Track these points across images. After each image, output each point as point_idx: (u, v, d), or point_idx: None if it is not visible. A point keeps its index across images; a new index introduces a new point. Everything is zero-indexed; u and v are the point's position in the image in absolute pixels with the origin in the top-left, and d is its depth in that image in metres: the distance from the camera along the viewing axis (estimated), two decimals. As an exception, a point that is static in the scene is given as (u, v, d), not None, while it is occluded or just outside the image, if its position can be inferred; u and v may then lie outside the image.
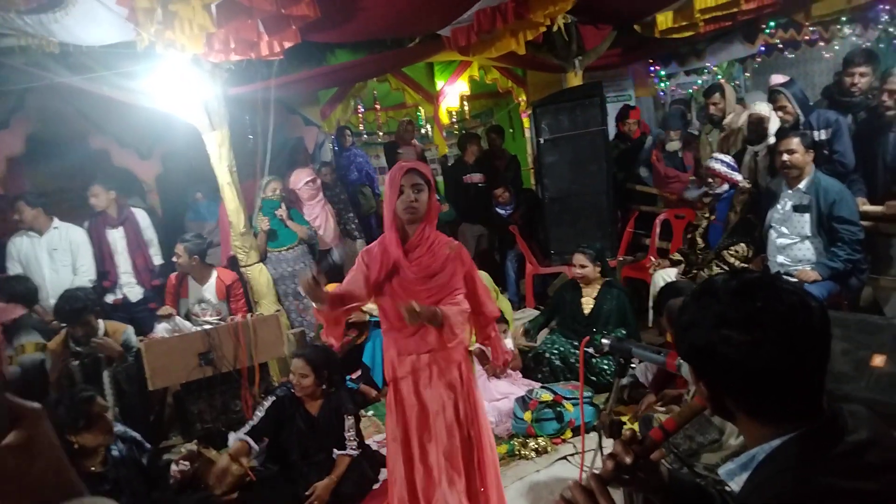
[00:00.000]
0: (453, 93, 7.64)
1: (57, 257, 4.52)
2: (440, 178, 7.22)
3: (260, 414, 3.15)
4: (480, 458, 2.51)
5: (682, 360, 1.31)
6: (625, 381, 3.76)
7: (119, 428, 2.81)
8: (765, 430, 1.00)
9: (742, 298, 0.99)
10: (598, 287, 4.31)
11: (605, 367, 3.99)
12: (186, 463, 3.24)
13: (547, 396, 3.57)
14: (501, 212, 6.20)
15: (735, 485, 1.06)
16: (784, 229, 3.97)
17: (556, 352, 4.20)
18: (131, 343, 3.97)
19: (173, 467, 3.24)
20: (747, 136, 4.79)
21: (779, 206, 4.00)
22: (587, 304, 4.32)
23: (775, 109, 4.39)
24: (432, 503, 2.40)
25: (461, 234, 6.24)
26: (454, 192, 6.05)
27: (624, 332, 4.17)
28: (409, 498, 2.44)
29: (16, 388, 3.79)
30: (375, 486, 3.27)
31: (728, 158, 4.52)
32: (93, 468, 2.62)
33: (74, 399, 2.61)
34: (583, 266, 4.29)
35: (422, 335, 2.42)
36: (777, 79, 5.11)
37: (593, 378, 4.05)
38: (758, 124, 4.60)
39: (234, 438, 3.26)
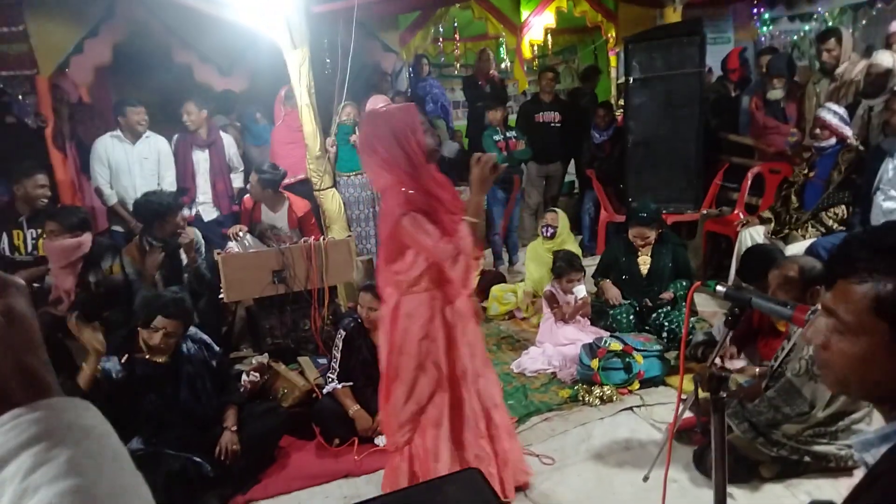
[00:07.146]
0: (538, 24, 7.25)
1: (147, 166, 4.62)
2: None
3: (338, 354, 3.20)
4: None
5: (811, 315, 1.18)
6: (700, 337, 3.61)
7: (191, 329, 2.91)
8: None
9: None
10: (652, 244, 4.16)
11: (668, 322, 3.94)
12: (257, 374, 3.36)
13: (616, 346, 3.47)
14: (596, 135, 5.89)
15: (870, 457, 0.96)
16: (893, 192, 3.69)
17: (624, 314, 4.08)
18: (199, 243, 4.06)
19: (244, 377, 3.35)
20: (863, 88, 4.35)
21: (890, 167, 3.70)
22: (644, 262, 4.18)
23: (911, 56, 3.93)
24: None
25: (527, 175, 5.98)
26: (525, 131, 5.75)
27: (685, 283, 4.05)
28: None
29: (99, 301, 3.94)
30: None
31: (841, 110, 4.13)
32: (159, 360, 2.72)
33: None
34: (645, 237, 4.13)
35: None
36: (901, 24, 4.58)
37: (664, 334, 3.93)
38: (878, 77, 4.15)
39: (304, 361, 3.29)
